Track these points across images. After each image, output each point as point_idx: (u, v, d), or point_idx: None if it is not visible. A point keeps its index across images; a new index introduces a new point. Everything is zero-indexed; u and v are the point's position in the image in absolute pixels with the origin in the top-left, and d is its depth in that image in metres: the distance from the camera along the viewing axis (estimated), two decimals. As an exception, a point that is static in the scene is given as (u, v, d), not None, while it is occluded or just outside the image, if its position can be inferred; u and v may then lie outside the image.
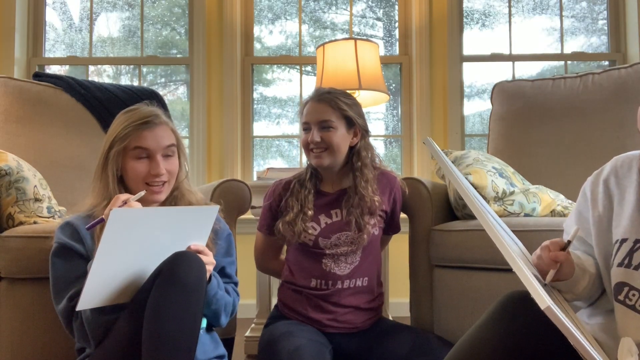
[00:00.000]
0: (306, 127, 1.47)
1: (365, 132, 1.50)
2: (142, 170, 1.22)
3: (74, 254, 1.18)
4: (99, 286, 1.04)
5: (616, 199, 1.01)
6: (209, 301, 1.21)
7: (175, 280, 1.02)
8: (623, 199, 1.00)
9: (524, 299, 0.91)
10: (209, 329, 1.29)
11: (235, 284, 1.38)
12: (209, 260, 1.17)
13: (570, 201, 1.70)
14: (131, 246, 1.05)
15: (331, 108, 1.45)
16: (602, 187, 1.04)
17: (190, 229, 1.13)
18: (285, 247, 1.60)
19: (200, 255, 1.13)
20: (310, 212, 1.46)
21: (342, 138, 1.45)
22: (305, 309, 1.46)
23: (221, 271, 1.33)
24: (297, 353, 1.26)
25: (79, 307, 1.04)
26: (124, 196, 1.14)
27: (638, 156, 1.02)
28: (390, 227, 1.60)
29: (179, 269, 1.04)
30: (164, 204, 1.29)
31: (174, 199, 1.32)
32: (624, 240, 0.97)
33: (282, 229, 1.47)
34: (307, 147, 1.47)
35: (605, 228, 1.03)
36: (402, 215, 1.70)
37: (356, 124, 1.48)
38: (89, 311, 1.11)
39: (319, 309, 1.45)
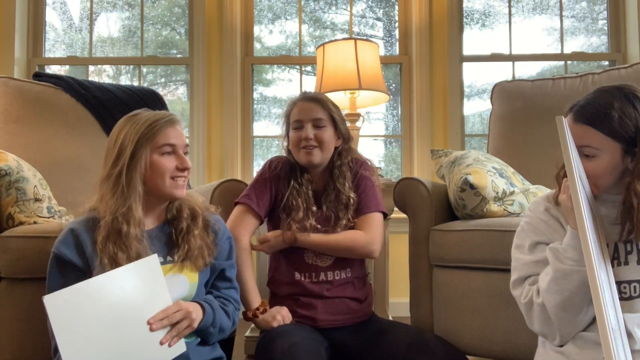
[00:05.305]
0: (298, 126, 1.52)
1: (346, 138, 1.57)
2: (170, 166, 1.22)
3: (69, 268, 1.16)
4: None
5: (562, 219, 1.14)
6: (210, 332, 1.22)
7: None
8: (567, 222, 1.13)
9: None
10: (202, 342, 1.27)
11: (236, 289, 1.36)
12: (183, 315, 1.14)
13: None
14: (90, 323, 1.02)
15: (322, 108, 1.53)
16: (547, 216, 1.16)
17: (141, 284, 1.09)
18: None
19: (176, 314, 1.12)
20: (314, 208, 1.50)
21: (331, 137, 1.53)
22: (295, 311, 1.48)
23: (222, 274, 1.32)
24: (291, 351, 1.26)
25: None
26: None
27: (552, 193, 1.19)
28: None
29: None
30: (168, 206, 1.28)
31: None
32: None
33: (286, 226, 1.48)
34: (298, 144, 1.51)
35: None
36: (402, 216, 1.70)
37: (339, 128, 1.55)
38: None
39: (308, 306, 1.48)
